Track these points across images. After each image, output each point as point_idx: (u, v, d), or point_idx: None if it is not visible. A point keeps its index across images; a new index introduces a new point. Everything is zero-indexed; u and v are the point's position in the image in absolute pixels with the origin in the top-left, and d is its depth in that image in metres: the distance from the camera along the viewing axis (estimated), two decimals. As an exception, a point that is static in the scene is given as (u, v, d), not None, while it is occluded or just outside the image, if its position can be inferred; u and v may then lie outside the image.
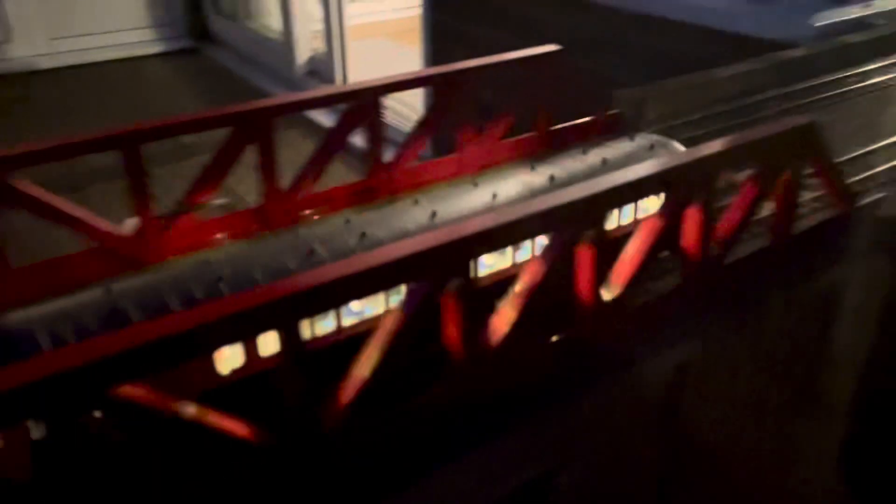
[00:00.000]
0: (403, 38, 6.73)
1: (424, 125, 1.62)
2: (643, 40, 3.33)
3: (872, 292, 1.60)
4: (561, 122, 1.91)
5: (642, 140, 1.56)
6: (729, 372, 1.61)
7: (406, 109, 5.19)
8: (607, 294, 1.18)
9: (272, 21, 6.80)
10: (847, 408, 1.76)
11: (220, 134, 1.39)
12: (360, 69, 6.03)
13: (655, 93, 2.07)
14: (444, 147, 1.76)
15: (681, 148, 1.53)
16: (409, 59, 5.63)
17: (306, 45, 6.35)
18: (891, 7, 2.78)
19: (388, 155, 1.61)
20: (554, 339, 1.22)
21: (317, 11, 6.10)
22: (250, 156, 1.40)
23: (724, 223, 1.26)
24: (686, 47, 3.15)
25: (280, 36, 6.42)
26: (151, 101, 6.02)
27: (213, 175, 1.40)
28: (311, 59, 6.28)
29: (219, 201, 1.46)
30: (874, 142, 1.85)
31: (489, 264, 1.27)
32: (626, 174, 1.10)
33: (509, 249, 1.27)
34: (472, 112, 1.65)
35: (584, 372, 1.26)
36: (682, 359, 1.43)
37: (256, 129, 1.41)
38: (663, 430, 1.56)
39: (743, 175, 1.41)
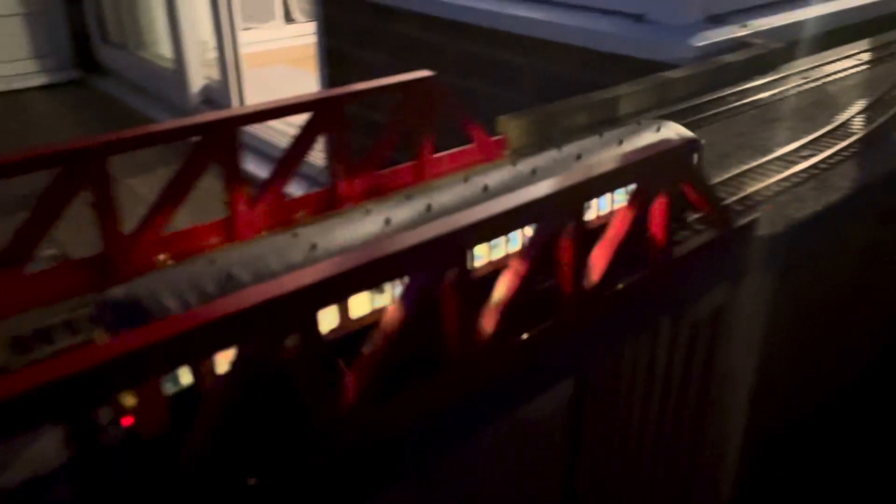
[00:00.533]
0: (306, 64, 6.62)
1: (292, 156, 1.51)
2: (533, 64, 3.33)
3: (755, 311, 1.59)
4: (444, 148, 1.85)
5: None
6: (624, 398, 1.56)
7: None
8: (481, 329, 1.10)
9: (164, 49, 6.55)
10: (740, 432, 1.74)
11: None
12: (259, 96, 5.87)
13: (539, 116, 2.03)
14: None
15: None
16: (310, 84, 5.52)
17: (200, 73, 6.14)
18: (766, 27, 2.86)
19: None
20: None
21: (212, 39, 5.92)
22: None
23: (601, 249, 1.20)
24: (574, 70, 3.16)
25: (172, 64, 6.19)
26: (32, 137, 5.65)
27: (39, 223, 1.24)
28: (206, 88, 6.07)
29: (48, 252, 1.29)
30: (753, 159, 1.86)
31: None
32: (495, 206, 1.02)
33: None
34: (345, 142, 1.55)
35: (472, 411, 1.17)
36: (568, 392, 1.37)
37: (89, 168, 1.25)
38: (565, 456, 1.50)
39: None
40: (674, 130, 1.48)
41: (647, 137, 1.38)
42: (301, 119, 1.51)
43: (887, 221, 2.38)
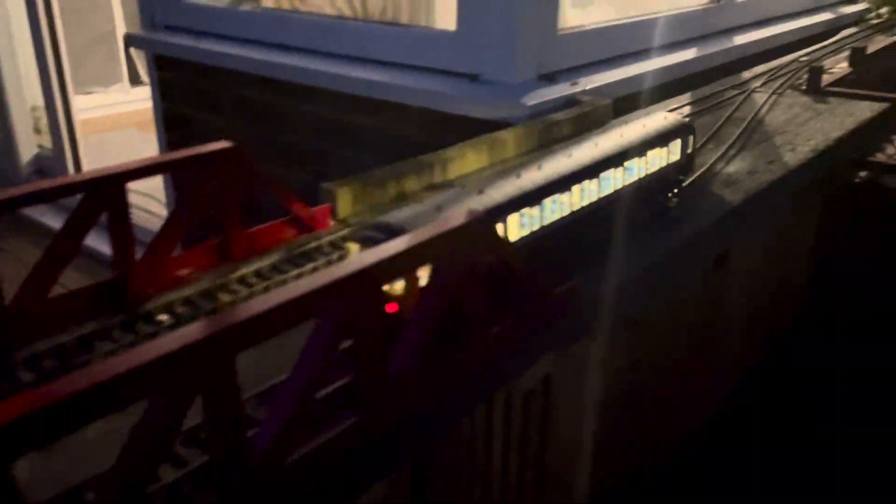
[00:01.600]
0: (154, 128, 6.33)
1: (64, 244, 1.34)
2: (378, 125, 3.29)
3: (586, 376, 1.55)
4: (262, 220, 1.73)
5: None
6: (464, 478, 1.46)
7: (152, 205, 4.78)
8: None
9: (-11, 117, 6.07)
10: (584, 499, 1.68)
11: None
12: (99, 163, 5.51)
13: (365, 182, 1.94)
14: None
15: None
16: (155, 150, 5.25)
17: (32, 141, 5.72)
18: (595, 84, 2.95)
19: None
20: None
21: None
22: None
23: (405, 343, 1.11)
24: (417, 130, 3.14)
25: (-3, 133, 5.74)
26: None
27: None
28: (38, 157, 5.65)
29: None
30: (579, 218, 1.85)
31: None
32: (262, 302, 0.90)
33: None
34: (127, 225, 1.40)
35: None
36: (404, 480, 1.25)
37: None
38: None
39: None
40: (662, 118, 1.73)
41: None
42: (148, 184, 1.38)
43: (721, 266, 2.45)
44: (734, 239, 2.31)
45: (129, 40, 4.32)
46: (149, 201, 4.95)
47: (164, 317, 1.33)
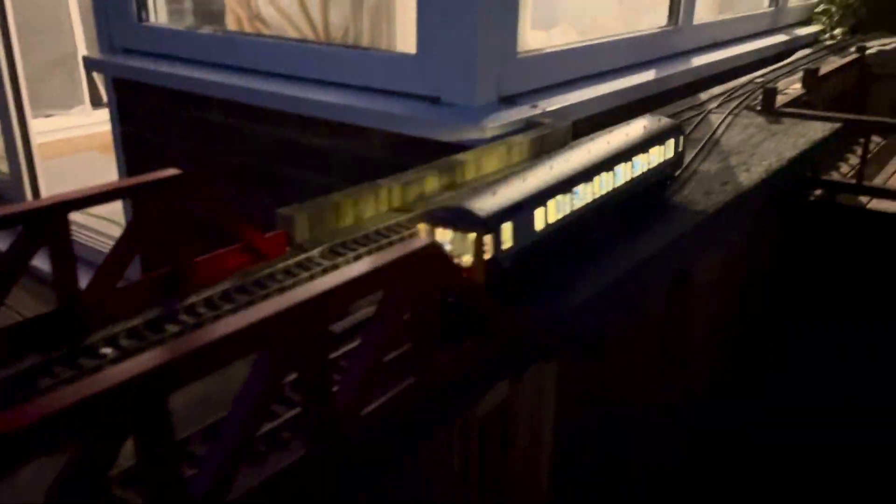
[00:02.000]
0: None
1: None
2: (340, 147, 3.28)
3: (542, 404, 1.54)
4: (219, 246, 1.70)
5: None
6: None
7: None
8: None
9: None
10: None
11: None
12: (58, 187, 5.41)
13: (321, 207, 1.92)
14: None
15: None
16: (115, 173, 5.17)
17: (-14, 166, 5.60)
18: (554, 107, 2.97)
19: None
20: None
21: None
22: None
23: (351, 375, 1.09)
24: (379, 153, 3.13)
25: (-49, 158, 5.61)
26: None
27: None
28: (-6, 182, 5.53)
29: None
30: (537, 241, 1.84)
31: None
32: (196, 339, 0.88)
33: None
34: (69, 257, 1.36)
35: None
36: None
37: None
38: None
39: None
40: (657, 120, 1.98)
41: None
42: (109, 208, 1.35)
43: (681, 285, 2.47)
44: (692, 259, 2.33)
45: (88, 63, 4.26)
46: (109, 226, 4.87)
47: (107, 350, 1.29)
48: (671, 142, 1.98)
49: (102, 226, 4.86)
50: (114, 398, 0.75)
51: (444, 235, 1.31)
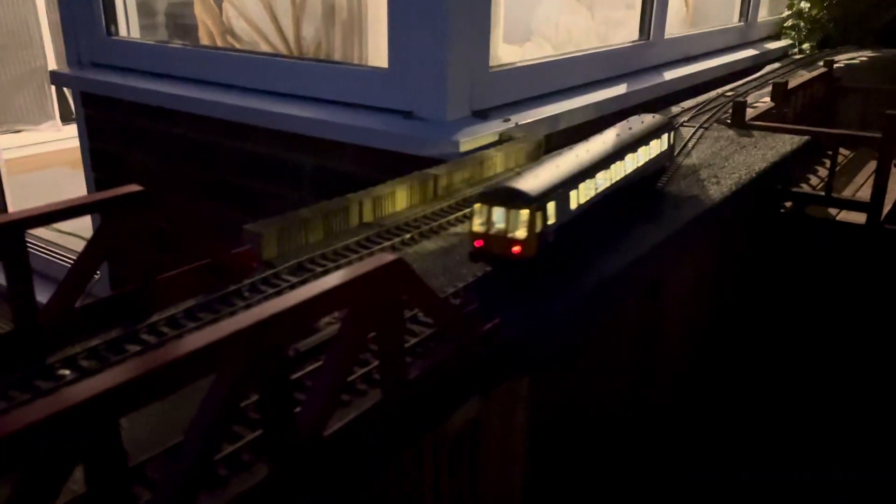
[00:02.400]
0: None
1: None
2: (313, 162, 3.26)
3: (514, 420, 1.52)
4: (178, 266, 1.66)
5: None
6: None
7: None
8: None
9: None
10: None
11: None
12: (26, 202, 5.32)
13: (290, 222, 1.89)
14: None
15: None
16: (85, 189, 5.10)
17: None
18: (527, 121, 2.97)
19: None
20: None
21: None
22: None
23: (315, 394, 1.06)
24: (352, 167, 3.11)
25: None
26: None
27: None
28: (-40, 198, 5.43)
29: None
30: (508, 255, 1.83)
31: None
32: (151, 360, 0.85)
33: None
34: (26, 275, 1.32)
35: None
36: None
37: None
38: None
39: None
40: (651, 117, 2.22)
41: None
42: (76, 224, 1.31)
43: (654, 296, 2.47)
44: (664, 270, 2.33)
45: (56, 78, 4.20)
46: (77, 242, 4.79)
47: (65, 371, 1.26)
48: (665, 136, 2.21)
49: (70, 242, 4.79)
50: (60, 423, 0.72)
51: (497, 213, 1.51)
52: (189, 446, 0.90)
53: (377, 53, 3.60)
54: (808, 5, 6.02)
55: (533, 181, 1.56)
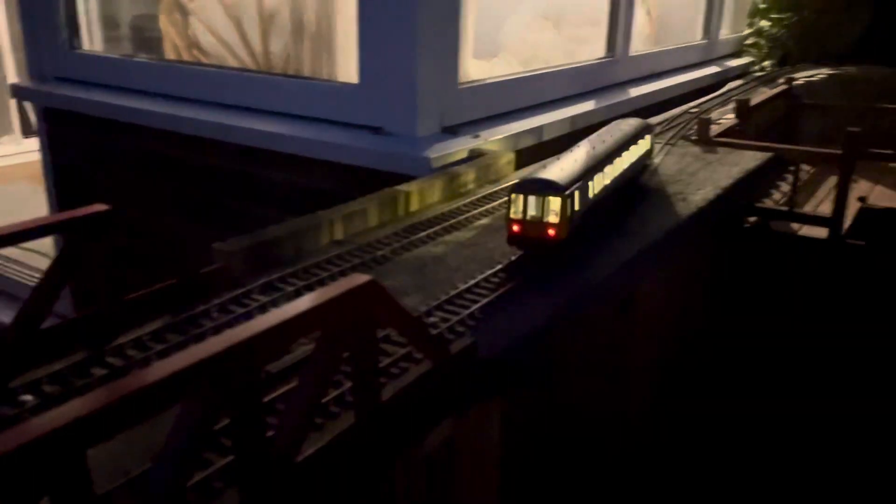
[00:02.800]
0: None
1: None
2: (282, 177, 3.23)
3: (489, 441, 1.52)
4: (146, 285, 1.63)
5: None
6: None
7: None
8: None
9: None
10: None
11: None
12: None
13: (258, 241, 1.87)
14: None
15: None
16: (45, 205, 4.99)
17: None
18: (495, 137, 2.99)
19: None
20: None
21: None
22: None
23: (287, 418, 1.05)
24: (323, 183, 3.09)
25: None
26: None
27: None
28: (-85, 214, 5.27)
29: None
30: (480, 273, 1.83)
31: None
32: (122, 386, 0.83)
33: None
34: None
35: None
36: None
37: None
38: None
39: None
40: (634, 121, 2.53)
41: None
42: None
43: (626, 309, 2.49)
44: (634, 286, 2.35)
45: (16, 92, 4.12)
46: (39, 259, 4.68)
47: (28, 397, 1.22)
48: (647, 137, 2.55)
49: (33, 259, 4.67)
50: (26, 456, 0.70)
51: (532, 202, 1.74)
52: (159, 474, 0.88)
53: (347, 69, 3.60)
54: (768, 24, 6.17)
55: (559, 173, 1.78)
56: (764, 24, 6.20)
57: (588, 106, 3.70)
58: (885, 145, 4.15)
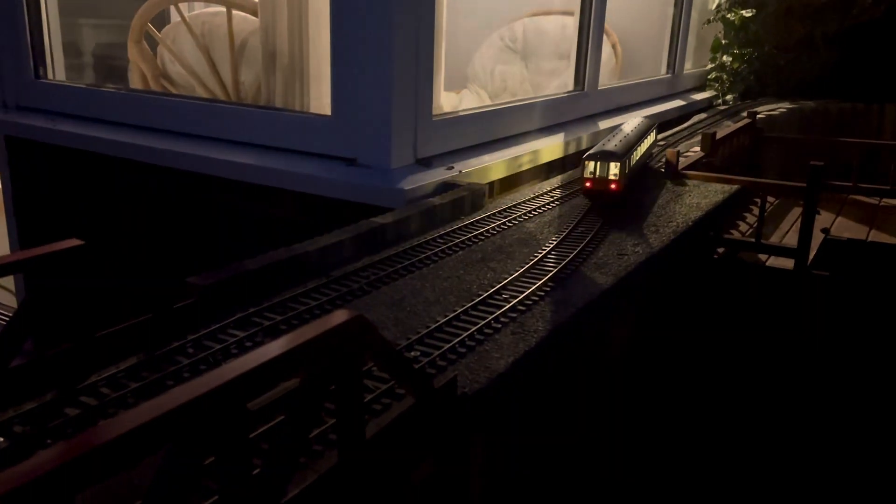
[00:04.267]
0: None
1: None
2: (252, 208, 3.20)
3: (466, 476, 1.50)
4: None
5: None
6: None
7: None
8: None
9: None
10: None
11: None
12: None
13: (235, 274, 1.85)
14: None
15: None
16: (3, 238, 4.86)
17: None
18: (469, 169, 3.00)
19: None
20: None
21: None
22: None
23: (272, 459, 1.02)
24: (294, 214, 3.07)
25: None
26: None
27: None
28: None
29: None
30: (459, 306, 1.83)
31: None
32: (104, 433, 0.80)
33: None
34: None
35: None
36: None
37: None
38: None
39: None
40: (642, 117, 3.33)
41: None
42: None
43: (599, 344, 2.49)
44: (607, 319, 2.37)
45: (-22, 121, 4.03)
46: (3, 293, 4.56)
47: (-2, 439, 1.18)
48: (654, 130, 3.39)
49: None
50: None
51: (600, 166, 2.53)
52: (140, 523, 0.85)
53: (319, 101, 3.60)
54: (730, 59, 6.35)
55: (615, 146, 2.58)
56: (726, 59, 6.38)
57: (559, 138, 3.75)
58: (844, 177, 4.27)
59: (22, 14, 3.88)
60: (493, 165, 3.15)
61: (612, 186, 2.49)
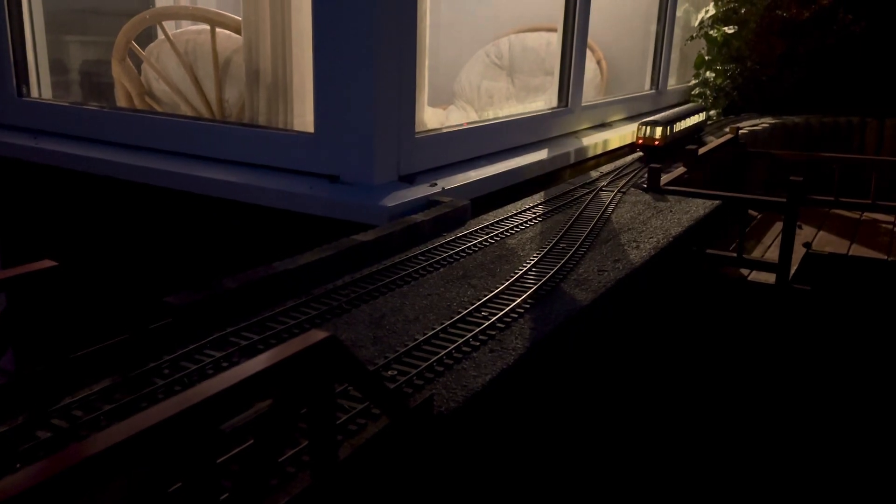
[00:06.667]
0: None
1: None
2: (233, 226, 3.19)
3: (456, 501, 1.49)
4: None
5: None
6: None
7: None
8: None
9: None
10: None
11: None
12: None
13: (214, 293, 1.84)
14: None
15: None
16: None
17: None
18: (452, 185, 3.01)
19: None
20: None
21: None
22: None
23: (242, 483, 1.02)
24: (276, 232, 3.07)
25: None
26: None
27: None
28: None
29: None
30: (438, 324, 1.83)
31: None
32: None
33: None
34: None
35: None
36: None
37: None
38: None
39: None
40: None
41: None
42: None
43: (576, 363, 2.49)
44: (588, 335, 2.37)
45: (-42, 139, 4.01)
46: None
47: (-34, 464, 1.16)
48: (702, 112, 4.52)
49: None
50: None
51: (649, 129, 3.78)
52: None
53: (302, 118, 3.61)
54: (713, 75, 6.41)
55: (661, 118, 3.80)
56: (709, 75, 6.44)
57: (543, 154, 3.77)
58: (826, 192, 4.31)
59: (5, 32, 3.87)
60: (477, 182, 3.16)
61: (656, 142, 3.75)
